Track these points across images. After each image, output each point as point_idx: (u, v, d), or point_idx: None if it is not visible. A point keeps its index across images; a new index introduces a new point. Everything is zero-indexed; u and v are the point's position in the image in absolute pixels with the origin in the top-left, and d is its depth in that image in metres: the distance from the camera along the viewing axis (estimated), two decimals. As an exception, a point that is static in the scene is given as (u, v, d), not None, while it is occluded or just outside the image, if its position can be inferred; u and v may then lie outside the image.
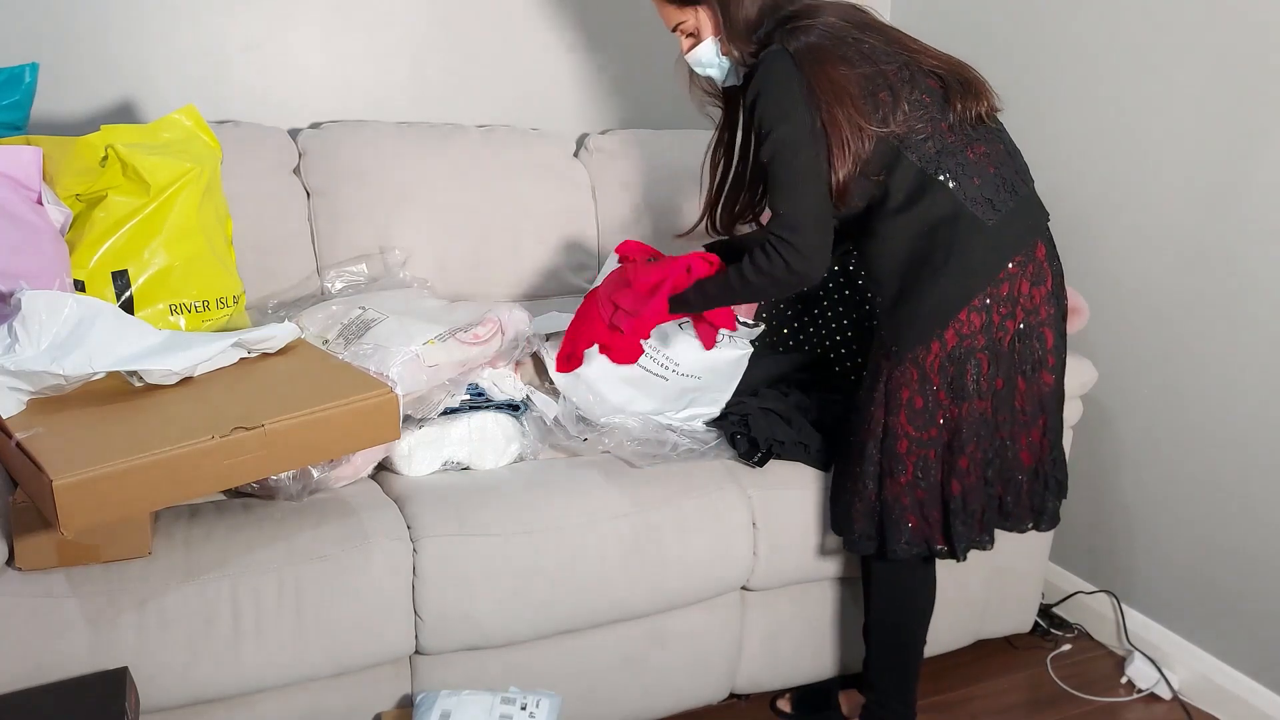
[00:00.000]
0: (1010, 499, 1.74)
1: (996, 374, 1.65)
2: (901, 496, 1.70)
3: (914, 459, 1.69)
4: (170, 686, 1.53)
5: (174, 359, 1.51)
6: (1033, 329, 1.66)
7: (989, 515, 1.74)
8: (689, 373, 2.15)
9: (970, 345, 1.63)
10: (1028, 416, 1.70)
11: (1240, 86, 1.96)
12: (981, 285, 1.62)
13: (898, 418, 1.68)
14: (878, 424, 1.70)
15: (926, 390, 1.65)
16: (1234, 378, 2.03)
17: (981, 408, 1.66)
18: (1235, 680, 2.07)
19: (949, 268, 1.62)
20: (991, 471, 1.71)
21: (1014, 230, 1.64)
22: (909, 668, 1.88)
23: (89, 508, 1.31)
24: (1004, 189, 1.64)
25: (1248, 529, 2.03)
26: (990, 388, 1.66)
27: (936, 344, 1.63)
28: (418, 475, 1.85)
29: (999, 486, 1.73)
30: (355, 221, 2.13)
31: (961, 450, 1.68)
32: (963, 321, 1.62)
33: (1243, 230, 1.98)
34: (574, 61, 2.50)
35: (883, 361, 1.69)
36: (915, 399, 1.66)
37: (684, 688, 1.96)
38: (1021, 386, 1.68)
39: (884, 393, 1.68)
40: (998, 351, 1.64)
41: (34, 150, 1.66)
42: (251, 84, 2.23)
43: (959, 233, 1.61)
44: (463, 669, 1.76)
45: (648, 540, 1.80)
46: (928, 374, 1.64)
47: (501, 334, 1.94)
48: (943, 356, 1.63)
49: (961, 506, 1.70)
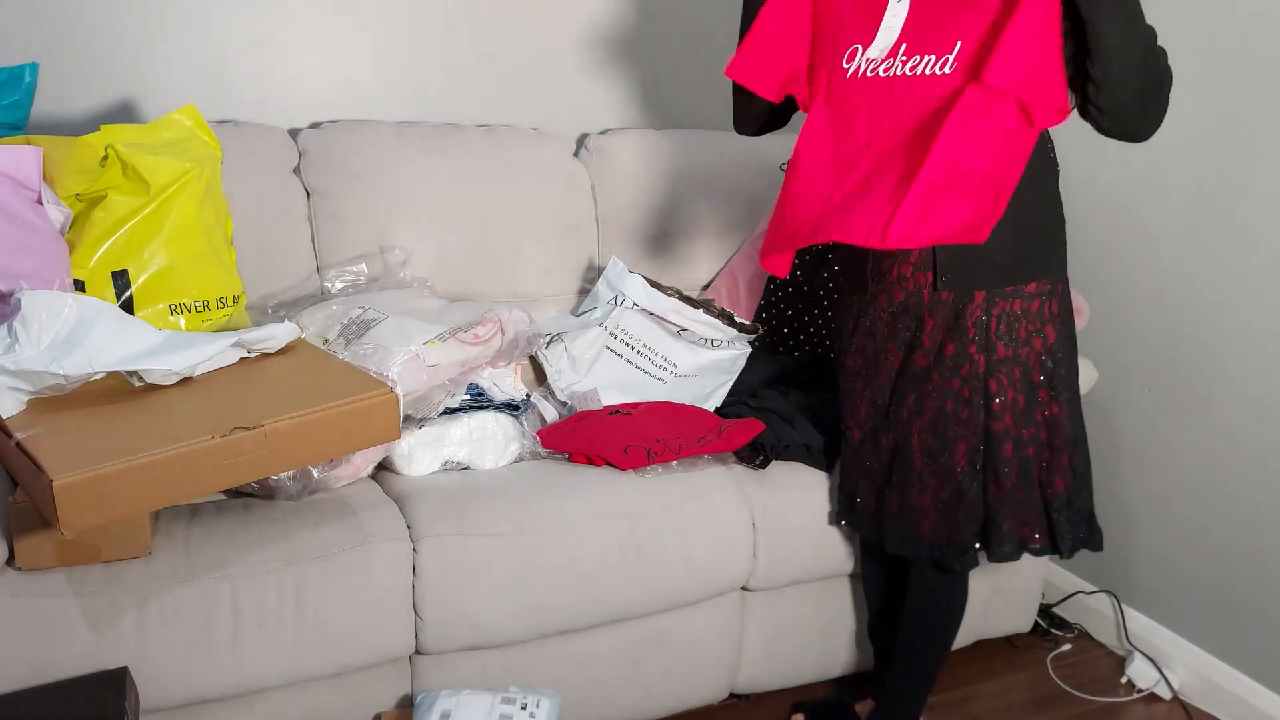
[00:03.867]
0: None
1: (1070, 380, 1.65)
2: (1006, 497, 1.63)
3: (1020, 459, 1.62)
4: (170, 686, 1.53)
5: (174, 359, 1.51)
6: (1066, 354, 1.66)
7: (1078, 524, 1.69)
8: (687, 373, 2.15)
9: (1069, 345, 1.63)
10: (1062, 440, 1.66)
11: (1240, 87, 1.96)
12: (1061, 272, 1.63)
13: (1003, 420, 1.60)
14: (978, 428, 1.60)
15: (1031, 389, 1.60)
16: (1234, 378, 2.03)
17: (1073, 410, 1.65)
18: (1235, 680, 2.07)
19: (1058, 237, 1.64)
20: (1079, 479, 1.67)
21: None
22: (932, 675, 1.86)
23: (89, 508, 1.31)
24: None
25: (1248, 529, 2.03)
26: (1071, 394, 1.64)
27: (1039, 341, 1.60)
28: (418, 475, 1.85)
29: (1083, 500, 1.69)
30: (355, 221, 2.13)
31: (1060, 449, 1.63)
32: (1057, 317, 1.62)
33: (1243, 230, 1.98)
34: (574, 61, 2.50)
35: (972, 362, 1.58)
36: (1019, 399, 1.60)
37: (684, 688, 1.96)
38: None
39: (982, 399, 1.59)
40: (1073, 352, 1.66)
41: (34, 150, 1.66)
42: (251, 84, 2.23)
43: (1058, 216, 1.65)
44: (463, 669, 1.76)
45: (648, 540, 1.80)
46: (1029, 371, 1.59)
47: (501, 334, 1.94)
48: (1044, 352, 1.60)
49: (1066, 503, 1.65)
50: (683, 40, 2.56)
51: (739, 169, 2.44)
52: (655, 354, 2.17)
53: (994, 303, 1.56)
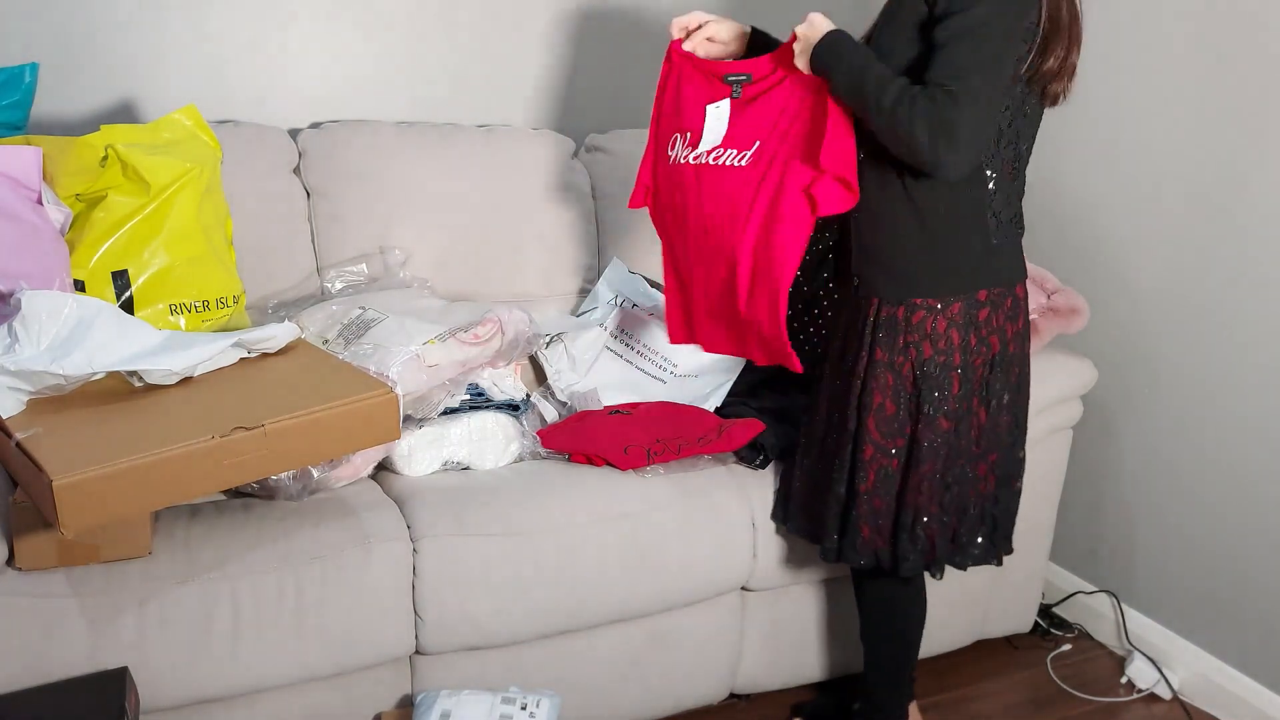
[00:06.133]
0: (963, 533, 1.69)
1: (963, 396, 1.61)
2: (862, 505, 1.66)
3: (876, 467, 1.65)
4: (170, 686, 1.53)
5: (174, 359, 1.51)
6: (1005, 361, 1.62)
7: (941, 543, 1.68)
8: (687, 373, 2.15)
9: (946, 362, 1.59)
10: (981, 449, 1.65)
11: (1240, 86, 1.96)
12: (959, 294, 1.58)
13: (869, 423, 1.63)
14: (850, 425, 1.66)
15: (900, 399, 1.62)
16: (1234, 378, 2.03)
17: (946, 428, 1.61)
18: (1235, 680, 2.07)
19: (945, 256, 1.58)
20: (949, 499, 1.66)
21: (1010, 264, 1.62)
22: (901, 676, 1.85)
23: (89, 508, 1.31)
24: (1017, 220, 1.63)
25: (1247, 529, 2.03)
26: (957, 410, 1.61)
27: (914, 352, 1.59)
28: (418, 475, 1.85)
29: (955, 519, 1.68)
30: (355, 221, 2.13)
31: (919, 468, 1.63)
32: (940, 335, 1.58)
33: (1242, 230, 1.98)
34: (574, 61, 2.50)
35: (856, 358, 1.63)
36: (887, 404, 1.62)
37: (684, 688, 1.96)
38: (982, 418, 1.64)
39: (857, 396, 1.64)
40: (968, 375, 1.60)
41: (34, 150, 1.66)
42: (251, 84, 2.23)
43: (967, 234, 1.58)
44: (463, 669, 1.76)
45: (648, 540, 1.80)
46: (902, 382, 1.61)
47: (501, 334, 1.94)
48: (917, 368, 1.60)
49: (911, 523, 1.65)
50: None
51: (739, 169, 2.44)
52: (655, 354, 2.17)
53: (882, 310, 1.61)
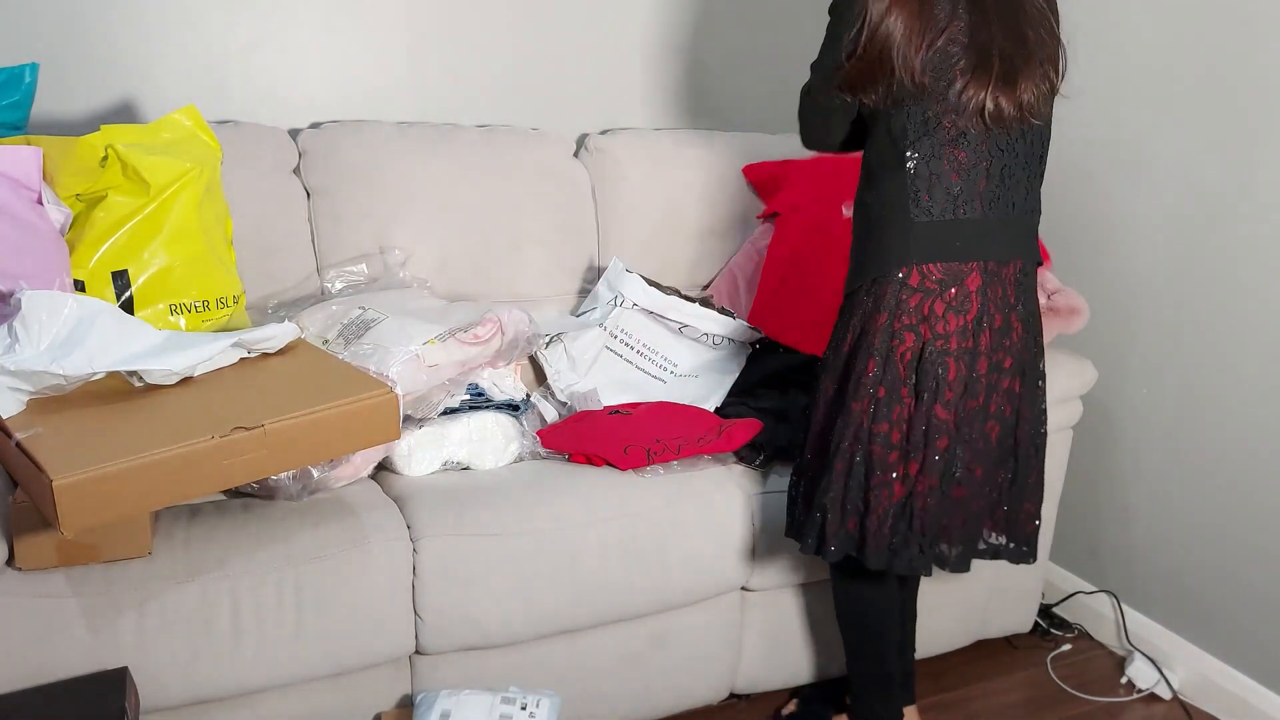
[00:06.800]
0: (872, 526, 1.64)
1: (880, 381, 1.59)
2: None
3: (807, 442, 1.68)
4: (170, 686, 1.53)
5: (174, 359, 1.51)
6: (937, 355, 1.58)
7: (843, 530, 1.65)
8: (687, 373, 2.15)
9: (867, 343, 1.59)
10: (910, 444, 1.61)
11: (1240, 87, 1.96)
12: (879, 273, 1.58)
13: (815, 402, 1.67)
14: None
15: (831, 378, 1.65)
16: (1234, 377, 2.03)
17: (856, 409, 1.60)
18: (1235, 680, 2.07)
19: (870, 241, 1.61)
20: (854, 481, 1.63)
21: (945, 243, 1.57)
22: (881, 672, 1.84)
23: (89, 508, 1.31)
24: (976, 201, 1.57)
25: (1247, 529, 2.03)
26: (871, 393, 1.60)
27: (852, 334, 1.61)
28: (418, 475, 1.85)
29: (860, 504, 1.64)
30: (355, 221, 2.13)
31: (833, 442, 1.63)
32: (867, 314, 1.59)
33: (1242, 230, 1.98)
34: (574, 61, 2.50)
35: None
36: (827, 385, 1.66)
37: (684, 688, 1.96)
38: (909, 409, 1.60)
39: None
40: (889, 360, 1.58)
41: (34, 150, 1.66)
42: (251, 84, 2.23)
43: (888, 219, 1.58)
44: (463, 669, 1.76)
45: (648, 540, 1.80)
46: (838, 359, 1.64)
47: (501, 334, 1.94)
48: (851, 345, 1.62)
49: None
50: (683, 40, 2.56)
51: (739, 169, 2.44)
52: (655, 354, 2.17)
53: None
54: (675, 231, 2.42)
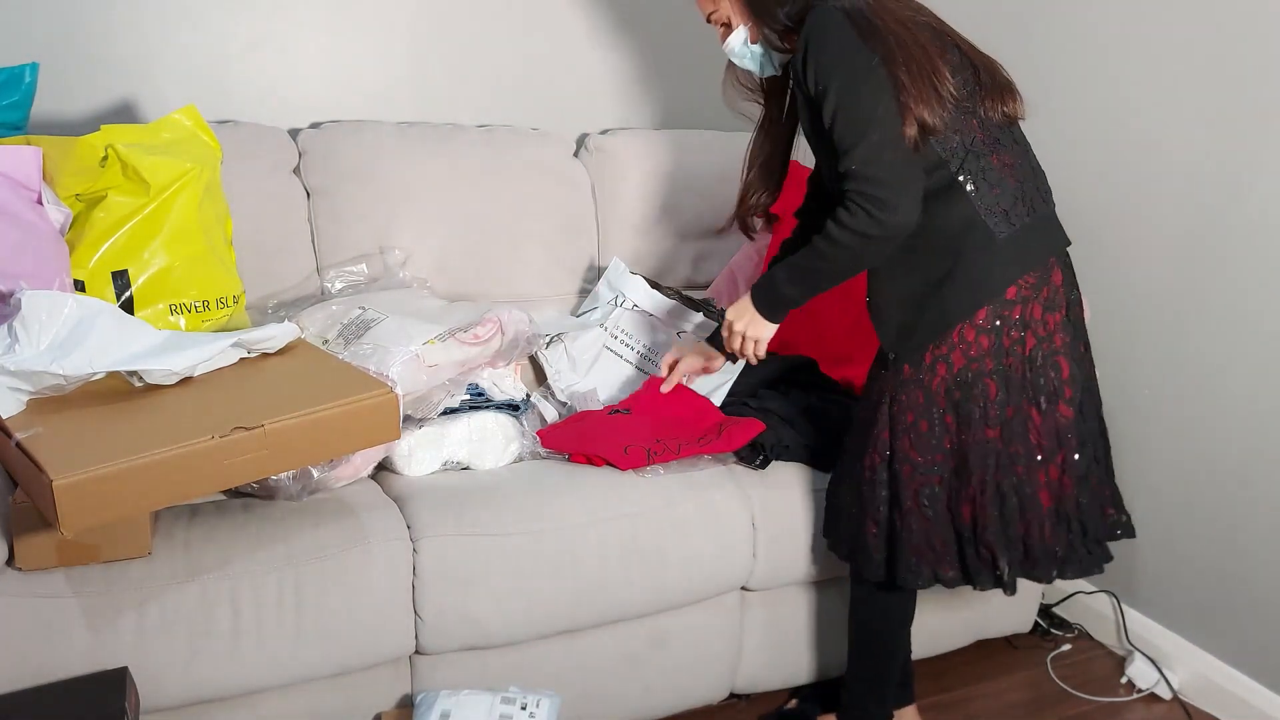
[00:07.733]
0: (1036, 542, 1.63)
1: (1007, 401, 1.57)
2: (909, 524, 1.64)
3: (917, 486, 1.62)
4: (170, 686, 1.53)
5: (174, 359, 1.51)
6: (1047, 357, 1.58)
7: (1011, 555, 1.63)
8: (688, 373, 2.15)
9: (979, 369, 1.56)
10: (1044, 452, 1.61)
11: (1240, 86, 1.96)
12: (985, 300, 1.55)
13: (903, 442, 1.61)
14: (885, 445, 1.63)
15: (933, 414, 1.59)
16: (1234, 377, 2.03)
17: (992, 436, 1.58)
18: (1235, 680, 2.07)
19: (954, 279, 1.55)
20: (1008, 508, 1.61)
21: (1028, 248, 1.57)
22: (881, 676, 1.84)
23: (89, 508, 1.31)
24: (1022, 203, 1.58)
25: (1248, 529, 2.03)
26: (1000, 415, 1.57)
27: (943, 366, 1.57)
28: (418, 475, 1.85)
29: (1020, 526, 1.62)
30: (355, 221, 2.13)
31: (969, 480, 1.60)
32: (970, 343, 1.56)
33: (1242, 230, 1.98)
34: (574, 61, 2.50)
35: (884, 377, 1.63)
36: (920, 423, 1.60)
37: (684, 688, 1.96)
38: (1036, 419, 1.59)
39: (888, 415, 1.62)
40: (1009, 377, 1.57)
41: (34, 150, 1.66)
42: (251, 84, 2.23)
43: (969, 243, 1.55)
44: (463, 669, 1.76)
45: (648, 540, 1.80)
46: (934, 397, 1.58)
47: (501, 334, 1.94)
48: (949, 380, 1.57)
49: (973, 536, 1.63)
50: (683, 40, 2.56)
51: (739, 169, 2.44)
52: (655, 354, 2.17)
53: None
54: (675, 232, 2.42)
